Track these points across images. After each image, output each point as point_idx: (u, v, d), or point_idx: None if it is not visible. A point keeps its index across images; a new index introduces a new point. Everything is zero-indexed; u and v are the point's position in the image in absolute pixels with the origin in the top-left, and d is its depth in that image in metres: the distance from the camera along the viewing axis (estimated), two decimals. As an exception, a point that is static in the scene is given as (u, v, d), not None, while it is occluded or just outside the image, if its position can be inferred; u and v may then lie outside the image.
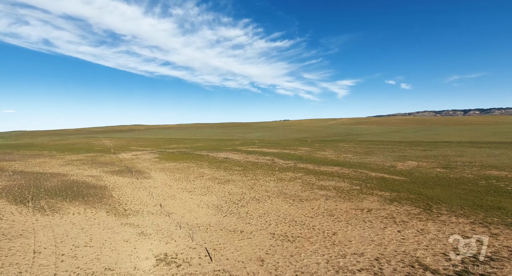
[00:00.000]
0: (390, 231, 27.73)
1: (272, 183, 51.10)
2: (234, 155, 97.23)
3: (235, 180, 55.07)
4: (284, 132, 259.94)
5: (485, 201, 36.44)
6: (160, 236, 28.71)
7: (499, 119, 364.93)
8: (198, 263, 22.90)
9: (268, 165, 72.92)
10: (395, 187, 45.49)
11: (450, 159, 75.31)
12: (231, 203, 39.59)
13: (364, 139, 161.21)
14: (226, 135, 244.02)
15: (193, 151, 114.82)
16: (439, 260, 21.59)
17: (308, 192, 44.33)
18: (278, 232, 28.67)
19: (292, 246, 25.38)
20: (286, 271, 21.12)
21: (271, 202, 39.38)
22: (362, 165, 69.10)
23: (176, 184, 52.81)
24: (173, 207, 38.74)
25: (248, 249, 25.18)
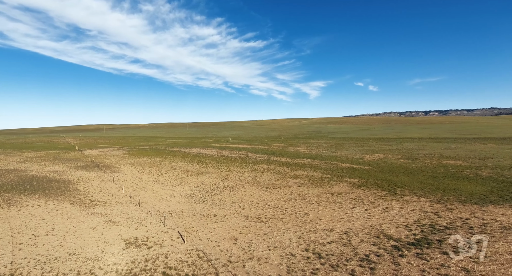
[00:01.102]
0: (358, 210, 29.06)
1: (246, 174, 51.30)
2: (207, 150, 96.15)
3: (209, 172, 54.52)
4: (257, 131, 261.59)
5: (443, 184, 39.44)
6: (130, 223, 27.71)
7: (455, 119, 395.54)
8: (170, 244, 22.43)
9: (242, 158, 73.02)
10: (363, 175, 47.69)
11: (412, 151, 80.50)
12: (204, 192, 39.17)
13: (334, 136, 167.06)
14: (199, 134, 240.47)
15: (164, 147, 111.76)
16: (402, 231, 23.04)
17: (281, 180, 45.08)
18: (251, 215, 28.88)
19: (265, 226, 25.71)
20: (259, 247, 21.37)
21: (244, 190, 39.53)
22: (333, 157, 71.59)
23: (147, 177, 51.16)
24: (144, 197, 37.52)
25: (221, 230, 25.10)
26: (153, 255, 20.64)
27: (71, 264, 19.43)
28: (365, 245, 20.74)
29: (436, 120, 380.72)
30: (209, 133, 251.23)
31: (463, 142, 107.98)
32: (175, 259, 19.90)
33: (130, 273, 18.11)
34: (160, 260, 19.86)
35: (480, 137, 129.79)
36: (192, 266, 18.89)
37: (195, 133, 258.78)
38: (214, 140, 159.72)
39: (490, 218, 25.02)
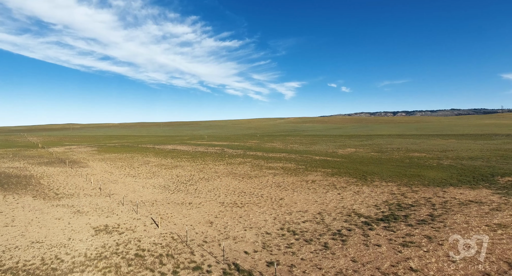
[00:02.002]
0: (331, 194, 30.03)
1: (222, 166, 51.02)
2: (182, 147, 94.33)
3: (183, 165, 53.54)
4: (233, 130, 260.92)
5: (409, 172, 41.82)
6: (100, 212, 26.53)
7: (420, 119, 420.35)
8: (143, 229, 21.80)
9: (218, 153, 72.50)
10: (336, 166, 49.29)
11: (382, 146, 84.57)
12: (179, 183, 38.43)
13: (309, 134, 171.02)
14: (174, 133, 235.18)
15: (137, 144, 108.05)
16: (372, 210, 24.15)
17: (257, 171, 45.37)
18: (227, 201, 28.81)
19: (241, 210, 25.79)
20: (235, 228, 21.39)
21: (220, 180, 39.31)
22: (307, 151, 73.25)
23: (118, 171, 49.20)
24: (115, 189, 36.06)
25: (197, 215, 24.81)
26: (125, 239, 19.96)
27: (34, 251, 18.27)
28: (337, 222, 21.50)
29: (403, 120, 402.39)
30: (184, 132, 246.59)
31: (427, 138, 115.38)
32: (148, 242, 19.38)
33: (100, 256, 17.38)
34: (133, 243, 19.24)
35: (442, 134, 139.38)
36: (166, 247, 18.51)
37: (169, 132, 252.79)
38: (189, 138, 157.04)
39: (450, 197, 26.97)
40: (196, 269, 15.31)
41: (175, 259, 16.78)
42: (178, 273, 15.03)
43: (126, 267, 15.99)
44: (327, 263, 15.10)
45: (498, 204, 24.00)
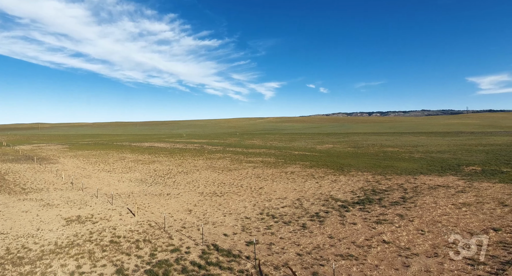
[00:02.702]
0: (309, 182, 30.63)
1: (201, 161, 50.47)
2: (160, 144, 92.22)
3: (161, 160, 52.36)
4: (213, 129, 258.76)
5: (383, 163, 43.57)
6: (71, 205, 25.33)
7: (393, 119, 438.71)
8: (118, 218, 21.10)
9: (197, 149, 71.60)
10: (314, 159, 50.33)
11: (358, 142, 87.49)
12: (156, 177, 37.54)
13: (288, 132, 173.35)
14: (151, 132, 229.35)
15: (112, 142, 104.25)
16: (348, 195, 24.92)
17: (236, 165, 45.31)
18: (206, 191, 28.55)
19: (221, 199, 25.66)
20: (214, 214, 21.26)
21: (199, 173, 38.87)
22: (287, 147, 74.19)
23: (92, 167, 47.23)
24: (88, 183, 34.58)
25: (175, 205, 24.38)
26: (99, 228, 19.22)
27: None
28: (315, 206, 21.99)
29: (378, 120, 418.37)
30: (162, 131, 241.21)
31: (400, 135, 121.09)
32: (124, 230, 18.79)
33: (72, 244, 16.62)
34: (108, 231, 18.57)
35: (413, 132, 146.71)
36: (143, 233, 18.04)
37: (147, 131, 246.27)
38: (167, 136, 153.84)
39: (420, 183, 28.43)
40: (174, 251, 15.06)
41: (152, 243, 16.40)
42: (156, 255, 14.71)
43: (100, 253, 15.42)
44: (305, 240, 15.41)
45: (463, 187, 25.63)
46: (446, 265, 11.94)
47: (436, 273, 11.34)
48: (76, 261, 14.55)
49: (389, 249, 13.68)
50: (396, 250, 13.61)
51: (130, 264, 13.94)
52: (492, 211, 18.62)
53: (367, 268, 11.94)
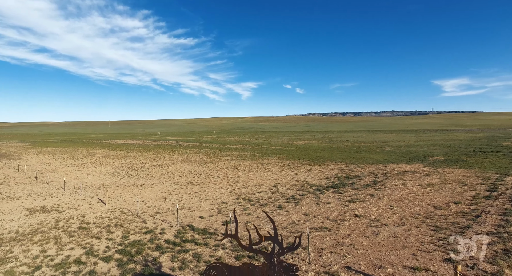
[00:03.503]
0: (285, 172, 31.07)
1: (177, 155, 49.45)
2: (133, 141, 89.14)
3: (135, 155, 50.63)
4: (189, 128, 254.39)
5: (356, 155, 45.26)
6: (35, 197, 23.78)
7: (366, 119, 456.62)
8: (88, 207, 20.12)
9: (173, 145, 70.06)
10: (290, 152, 51.16)
11: (332, 138, 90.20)
12: (129, 170, 36.25)
13: (265, 131, 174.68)
14: (124, 130, 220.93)
15: (81, 140, 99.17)
16: (323, 181, 25.62)
17: (213, 158, 44.93)
18: (182, 181, 28.04)
19: (197, 187, 25.33)
20: (190, 201, 20.94)
21: (175, 166, 38.06)
22: (264, 143, 74.74)
23: (59, 162, 44.64)
24: (54, 177, 32.65)
25: (149, 194, 23.69)
26: (66, 216, 18.22)
27: (-50, 232, 15.68)
28: (291, 191, 22.36)
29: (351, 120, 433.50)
30: (136, 130, 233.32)
31: (372, 133, 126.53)
32: (94, 217, 17.96)
33: (36, 232, 15.61)
34: (76, 219, 17.66)
35: (384, 130, 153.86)
36: (115, 219, 17.35)
37: (119, 130, 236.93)
38: (141, 134, 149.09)
39: (390, 169, 29.86)
40: (148, 233, 14.64)
41: (124, 227, 15.82)
42: (128, 237, 14.21)
43: (67, 238, 14.62)
44: (281, 218, 15.63)
45: (428, 172, 27.28)
46: (412, 231, 12.66)
47: (402, 237, 11.98)
48: (40, 247, 13.69)
49: (360, 222, 14.25)
50: (367, 222, 14.21)
51: (101, 246, 13.36)
52: (453, 189, 20.02)
53: (339, 237, 12.35)
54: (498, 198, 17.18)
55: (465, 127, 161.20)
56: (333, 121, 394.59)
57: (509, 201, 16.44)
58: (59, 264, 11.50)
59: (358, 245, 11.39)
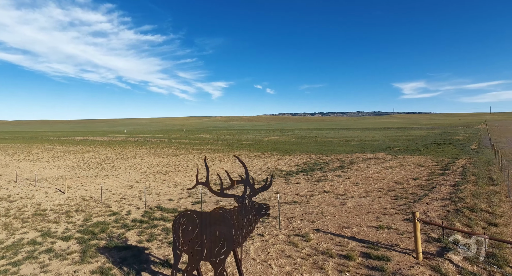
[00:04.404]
0: (256, 161, 31.25)
1: (144, 150, 47.55)
2: (96, 138, 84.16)
3: (98, 150, 47.82)
4: (158, 127, 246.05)
5: (324, 148, 46.85)
6: (-19, 189, 21.50)
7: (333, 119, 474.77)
8: (44, 197, 18.60)
9: (139, 142, 67.28)
10: (261, 146, 51.58)
11: (302, 135, 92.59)
12: (92, 163, 34.16)
13: (236, 129, 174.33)
14: (86, 129, 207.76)
15: (36, 137, 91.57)
16: (293, 167, 26.13)
17: (183, 151, 43.89)
18: (150, 171, 27.03)
19: (166, 176, 24.57)
20: (158, 187, 20.24)
21: (142, 159, 36.57)
22: (235, 139, 74.59)
23: (10, 158, 40.80)
24: (4, 171, 29.77)
25: (114, 183, 22.51)
26: (19, 205, 16.70)
27: None
28: (262, 176, 22.54)
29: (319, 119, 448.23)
30: (99, 128, 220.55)
31: (339, 130, 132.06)
32: (51, 204, 16.66)
33: (-18, 219, 14.09)
34: (30, 207, 16.24)
35: (350, 128, 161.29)
36: (75, 206, 16.23)
37: (80, 129, 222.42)
38: (104, 132, 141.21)
39: (356, 157, 31.31)
40: (113, 215, 13.89)
41: (86, 212, 14.86)
42: (91, 220, 13.36)
43: (20, 224, 13.39)
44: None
45: (390, 158, 29.04)
46: (376, 201, 13.39)
47: (367, 205, 12.62)
48: (-13, 233, 12.39)
49: (328, 196, 14.76)
50: (334, 196, 14.76)
51: (59, 228, 12.41)
52: (412, 170, 21.53)
53: (309, 208, 12.68)
54: (450, 174, 18.81)
55: (422, 126, 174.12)
56: (303, 120, 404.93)
57: (459, 176, 18.08)
58: (10, 246, 10.48)
59: (326, 213, 11.78)
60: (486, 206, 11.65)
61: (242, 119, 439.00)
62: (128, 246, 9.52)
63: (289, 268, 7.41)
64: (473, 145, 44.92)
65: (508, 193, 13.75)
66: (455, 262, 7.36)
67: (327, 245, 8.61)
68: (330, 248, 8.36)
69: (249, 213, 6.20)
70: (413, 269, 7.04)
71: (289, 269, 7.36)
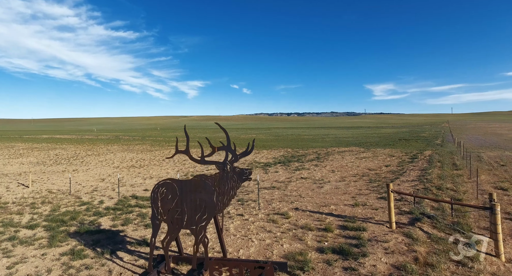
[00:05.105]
0: (234, 155, 31.15)
1: (116, 146, 45.65)
2: (63, 136, 79.52)
3: (65, 147, 45.18)
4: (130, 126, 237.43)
5: (300, 143, 47.76)
6: None
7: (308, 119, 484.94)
8: (5, 191, 17.23)
9: (111, 139, 64.49)
10: (238, 142, 51.41)
11: (279, 133, 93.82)
12: (59, 159, 32.20)
13: (212, 128, 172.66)
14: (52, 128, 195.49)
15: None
16: (270, 160, 26.31)
17: (158, 147, 42.68)
18: (123, 166, 25.98)
19: (141, 169, 23.75)
20: (133, 180, 19.53)
21: (114, 155, 35.07)
22: (211, 137, 73.79)
23: (-36, 155, 37.37)
24: (-42, 168, 27.22)
25: (84, 177, 21.37)
26: (-24, 199, 15.32)
27: None
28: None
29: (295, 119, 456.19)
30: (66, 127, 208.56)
31: (314, 129, 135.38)
32: (14, 198, 15.47)
33: None
34: (-12, 200, 14.97)
35: (324, 127, 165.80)
36: (41, 198, 15.19)
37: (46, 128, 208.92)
38: (73, 131, 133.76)
39: (331, 150, 32.27)
40: (84, 204, 13.18)
41: (53, 203, 13.96)
42: (59, 210, 12.58)
43: (-23, 216, 12.30)
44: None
45: (363, 151, 30.24)
46: (351, 184, 13.87)
47: (343, 188, 13.04)
48: None
49: (306, 181, 15.06)
50: (312, 181, 15.09)
51: (23, 219, 11.55)
52: (384, 159, 22.58)
53: (287, 192, 12.86)
54: (418, 162, 19.99)
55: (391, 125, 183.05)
56: (279, 120, 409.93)
57: (427, 163, 19.26)
58: (-34, 237, 9.59)
59: (304, 195, 12.01)
60: (451, 185, 12.49)
61: (219, 119, 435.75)
62: (101, 230, 9.08)
63: (269, 241, 7.45)
64: (437, 140, 47.95)
65: (470, 175, 14.83)
66: (425, 230, 7.80)
67: (306, 221, 8.77)
68: (309, 223, 8.53)
69: (231, 178, 6.18)
70: (387, 236, 7.37)
71: (269, 242, 7.41)
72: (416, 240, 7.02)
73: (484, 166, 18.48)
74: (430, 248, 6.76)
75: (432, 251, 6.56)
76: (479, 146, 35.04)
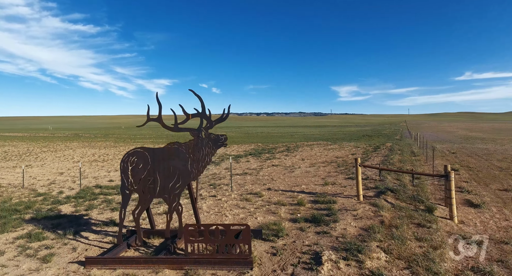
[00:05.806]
0: (204, 149, 30.71)
1: (76, 143, 42.67)
2: (12, 134, 72.56)
3: (16, 145, 41.23)
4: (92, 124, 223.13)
5: (270, 140, 48.45)
6: None
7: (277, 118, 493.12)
8: None
9: (70, 137, 60.15)
10: (208, 139, 50.94)
11: (249, 130, 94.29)
12: (9, 156, 29.28)
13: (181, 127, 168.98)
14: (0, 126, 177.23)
15: None
16: (241, 153, 26.36)
17: (122, 143, 40.68)
18: (84, 160, 24.36)
19: (104, 163, 22.47)
20: (96, 172, 18.40)
21: (73, 151, 32.73)
22: (179, 134, 71.97)
23: None
24: None
25: (40, 171, 19.69)
26: None
27: None
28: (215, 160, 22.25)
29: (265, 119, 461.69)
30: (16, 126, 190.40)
31: (283, 127, 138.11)
32: (-46, 192, 13.79)
33: None
34: None
35: (293, 126, 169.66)
36: (-12, 191, 13.73)
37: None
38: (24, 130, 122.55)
39: (300, 144, 33.14)
40: (41, 195, 12.15)
41: (4, 197, 12.66)
42: (11, 202, 11.45)
43: None
44: (205, 172, 15.38)
45: (331, 144, 31.55)
46: (320, 169, 14.39)
47: (313, 172, 13.50)
48: None
49: (277, 168, 15.33)
50: (283, 168, 15.41)
51: (-33, 211, 10.34)
52: (350, 149, 23.75)
53: (259, 176, 12.98)
54: (381, 151, 21.35)
55: (355, 124, 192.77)
56: (248, 120, 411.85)
57: (388, 151, 20.66)
58: None
59: (276, 179, 12.22)
60: (411, 167, 13.47)
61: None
62: (62, 215, 8.44)
63: (243, 215, 7.47)
64: (397, 136, 51.45)
65: (426, 160, 16.12)
66: (389, 201, 8.32)
67: (279, 198, 8.91)
68: (282, 200, 8.68)
69: (205, 145, 6.09)
70: (356, 206, 7.76)
71: (243, 216, 7.42)
72: (382, 208, 7.47)
73: (438, 153, 20.21)
74: (394, 214, 7.24)
75: (396, 216, 7.03)
76: (432, 141, 38.21)
